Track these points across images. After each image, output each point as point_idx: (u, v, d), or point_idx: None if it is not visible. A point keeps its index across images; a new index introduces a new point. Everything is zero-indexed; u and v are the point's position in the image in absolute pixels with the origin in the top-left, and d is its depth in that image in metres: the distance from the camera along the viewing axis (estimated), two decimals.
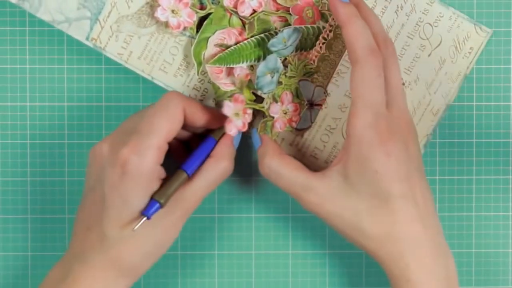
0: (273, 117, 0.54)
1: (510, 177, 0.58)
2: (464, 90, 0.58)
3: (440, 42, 0.56)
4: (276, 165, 0.52)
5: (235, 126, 0.53)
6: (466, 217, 0.58)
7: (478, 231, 0.58)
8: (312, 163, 0.56)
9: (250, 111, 0.53)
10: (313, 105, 0.55)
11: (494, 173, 0.58)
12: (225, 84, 0.54)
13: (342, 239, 0.58)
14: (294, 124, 0.55)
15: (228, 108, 0.52)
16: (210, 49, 0.53)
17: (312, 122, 0.55)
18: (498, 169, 0.58)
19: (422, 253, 0.49)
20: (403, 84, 0.53)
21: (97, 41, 0.53)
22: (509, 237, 0.58)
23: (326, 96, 0.55)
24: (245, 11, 0.53)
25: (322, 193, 0.50)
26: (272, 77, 0.53)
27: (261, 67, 0.52)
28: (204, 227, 0.58)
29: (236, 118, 0.53)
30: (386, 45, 0.51)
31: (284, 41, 0.52)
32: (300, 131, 0.55)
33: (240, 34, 0.53)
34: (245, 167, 0.58)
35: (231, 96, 0.53)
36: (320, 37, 0.54)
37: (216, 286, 0.58)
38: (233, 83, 0.54)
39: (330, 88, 0.55)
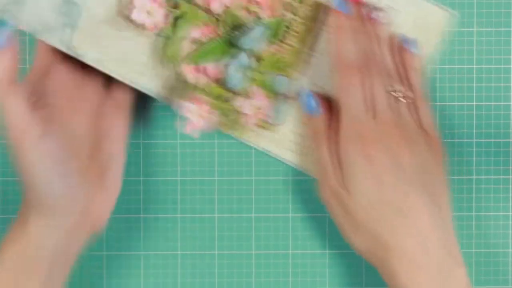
0: (246, 114, 0.54)
1: (510, 177, 0.58)
2: (464, 90, 0.58)
3: (404, 25, 0.55)
4: (324, 144, 0.53)
5: (199, 127, 0.53)
6: (466, 217, 0.58)
7: (478, 231, 0.58)
8: (290, 156, 0.56)
9: (216, 111, 0.53)
10: (287, 99, 0.55)
11: (494, 173, 0.58)
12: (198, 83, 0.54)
13: (342, 239, 0.58)
14: (269, 120, 0.55)
15: (187, 110, 0.52)
16: (185, 48, 0.53)
17: (286, 116, 0.56)
18: (498, 169, 0.58)
19: (416, 271, 0.49)
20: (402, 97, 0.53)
21: (77, 48, 0.52)
22: (509, 237, 0.58)
23: (296, 86, 0.55)
24: (217, 8, 0.52)
25: (329, 185, 0.51)
26: (244, 74, 0.52)
27: (234, 65, 0.52)
28: (203, 227, 0.58)
29: (200, 119, 0.52)
30: (369, 62, 0.52)
31: (254, 38, 0.52)
32: (275, 126, 0.55)
33: (214, 31, 0.53)
34: (245, 167, 0.58)
35: (191, 97, 0.53)
36: (291, 31, 0.54)
37: (216, 286, 0.58)
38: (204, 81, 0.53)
39: (302, 79, 0.55)
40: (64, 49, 0.51)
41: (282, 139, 0.56)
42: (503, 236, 0.58)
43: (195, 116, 0.52)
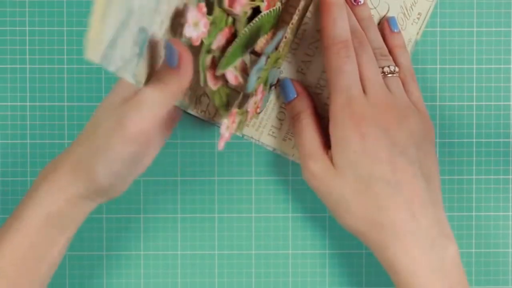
0: (248, 111, 0.53)
1: (510, 177, 0.58)
2: (464, 90, 0.58)
3: (388, 10, 0.56)
4: (307, 122, 0.53)
5: (228, 138, 0.51)
6: (466, 217, 0.58)
7: (478, 231, 0.58)
8: (271, 141, 0.56)
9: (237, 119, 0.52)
10: (271, 86, 0.55)
11: (494, 173, 0.58)
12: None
13: (342, 239, 0.58)
14: (259, 110, 0.55)
15: (225, 127, 0.50)
16: (208, 57, 0.50)
17: (268, 103, 0.56)
18: (498, 169, 0.58)
19: (410, 244, 0.49)
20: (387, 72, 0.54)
21: (138, 76, 0.46)
22: (509, 237, 0.58)
23: (280, 74, 0.55)
24: (239, 9, 0.50)
25: (315, 170, 0.51)
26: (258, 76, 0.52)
27: (255, 69, 0.50)
28: (204, 227, 0.58)
29: (228, 131, 0.50)
30: (360, 41, 0.52)
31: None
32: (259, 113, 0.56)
33: (231, 33, 0.51)
34: (245, 167, 0.58)
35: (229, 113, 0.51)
36: (289, 27, 0.53)
37: (216, 286, 0.58)
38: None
39: (284, 65, 0.55)
40: (132, 81, 0.45)
41: (264, 125, 0.56)
42: (503, 236, 0.58)
43: (228, 130, 0.50)
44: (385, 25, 0.55)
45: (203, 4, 0.47)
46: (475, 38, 0.58)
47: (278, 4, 0.53)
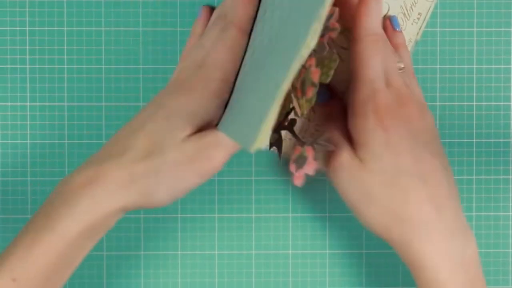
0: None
1: (510, 177, 0.58)
2: (464, 90, 0.58)
3: (388, 10, 0.56)
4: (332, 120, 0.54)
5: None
6: (466, 217, 0.58)
7: (478, 231, 0.58)
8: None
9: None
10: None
11: (494, 173, 0.58)
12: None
13: (342, 239, 0.58)
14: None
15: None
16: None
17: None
18: (498, 169, 0.58)
19: (434, 237, 0.48)
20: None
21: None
22: (509, 237, 0.58)
23: None
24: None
25: (339, 163, 0.51)
26: None
27: None
28: (204, 227, 0.58)
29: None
30: (391, 36, 0.53)
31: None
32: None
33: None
34: (245, 167, 0.58)
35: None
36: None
37: (216, 286, 0.58)
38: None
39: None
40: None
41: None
42: (503, 236, 0.58)
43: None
44: (387, 24, 0.55)
45: None
46: (475, 38, 0.58)
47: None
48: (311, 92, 0.48)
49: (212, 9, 0.55)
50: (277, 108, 0.41)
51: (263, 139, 0.41)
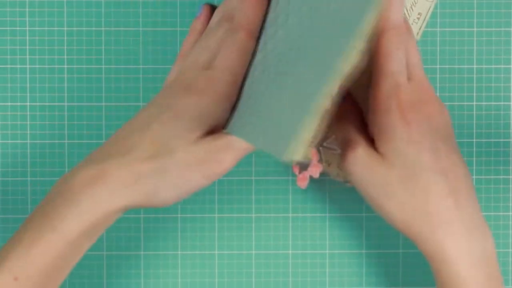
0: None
1: (510, 177, 0.58)
2: (464, 90, 0.58)
3: None
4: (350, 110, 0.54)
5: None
6: None
7: None
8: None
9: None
10: None
11: (494, 173, 0.58)
12: None
13: (342, 239, 0.58)
14: None
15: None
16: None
17: None
18: (498, 169, 0.58)
19: (455, 231, 0.48)
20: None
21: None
22: (509, 237, 0.58)
23: None
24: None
25: (360, 157, 0.50)
26: None
27: None
28: (204, 227, 0.58)
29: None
30: (407, 26, 0.52)
31: None
32: None
33: None
34: (245, 167, 0.58)
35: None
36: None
37: (216, 286, 0.58)
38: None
39: None
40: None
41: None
42: (503, 236, 0.58)
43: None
44: None
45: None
46: (475, 38, 0.58)
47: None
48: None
49: (213, 7, 0.55)
50: (316, 122, 0.41)
51: (299, 150, 0.41)
